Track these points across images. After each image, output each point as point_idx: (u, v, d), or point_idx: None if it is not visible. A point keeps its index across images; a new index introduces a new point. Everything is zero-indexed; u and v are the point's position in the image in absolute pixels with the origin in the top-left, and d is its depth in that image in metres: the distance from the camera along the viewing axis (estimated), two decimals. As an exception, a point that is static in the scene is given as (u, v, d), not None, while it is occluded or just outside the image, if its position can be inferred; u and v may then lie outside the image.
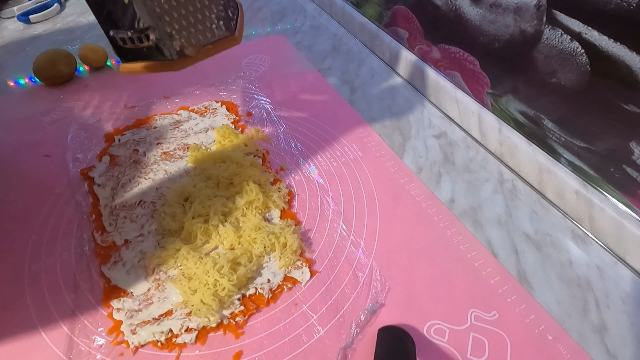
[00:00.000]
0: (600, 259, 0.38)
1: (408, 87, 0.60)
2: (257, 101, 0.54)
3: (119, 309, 0.32)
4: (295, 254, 0.36)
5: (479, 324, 0.32)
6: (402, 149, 0.49)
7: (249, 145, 0.46)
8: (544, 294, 0.35)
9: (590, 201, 0.39)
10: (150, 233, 0.38)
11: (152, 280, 0.34)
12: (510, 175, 0.46)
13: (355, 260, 0.36)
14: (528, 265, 0.37)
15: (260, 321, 0.32)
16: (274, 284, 0.34)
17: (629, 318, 0.33)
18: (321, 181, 0.44)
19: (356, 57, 0.66)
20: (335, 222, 0.39)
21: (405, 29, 0.60)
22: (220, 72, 0.60)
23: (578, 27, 0.35)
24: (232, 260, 0.34)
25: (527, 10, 0.39)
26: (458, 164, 0.47)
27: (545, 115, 0.42)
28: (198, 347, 0.30)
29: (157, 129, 0.49)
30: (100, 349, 0.30)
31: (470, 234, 0.39)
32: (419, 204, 0.42)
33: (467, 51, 0.49)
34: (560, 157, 0.42)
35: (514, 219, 0.41)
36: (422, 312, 0.33)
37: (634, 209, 0.37)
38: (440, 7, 0.51)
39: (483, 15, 0.45)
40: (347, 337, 0.31)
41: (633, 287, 0.36)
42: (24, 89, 0.56)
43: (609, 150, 0.37)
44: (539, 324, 0.32)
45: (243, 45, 0.67)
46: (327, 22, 0.76)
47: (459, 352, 0.31)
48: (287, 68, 0.62)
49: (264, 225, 0.37)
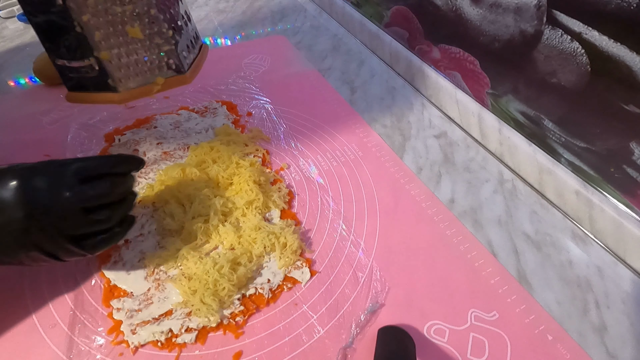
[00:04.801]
0: (600, 259, 0.38)
1: (408, 87, 0.60)
2: (257, 101, 0.54)
3: (119, 308, 0.32)
4: (295, 254, 0.36)
5: (479, 324, 0.32)
6: (402, 149, 0.49)
7: (249, 145, 0.46)
8: (544, 294, 0.35)
9: (590, 201, 0.39)
10: (150, 233, 0.38)
11: (152, 280, 0.34)
12: (510, 175, 0.46)
13: (355, 260, 0.36)
14: (528, 265, 0.37)
15: (260, 321, 0.32)
16: (274, 284, 0.34)
17: (629, 318, 0.33)
18: (321, 181, 0.44)
19: (356, 57, 0.66)
20: (335, 222, 0.39)
21: (405, 29, 0.60)
22: (220, 72, 0.60)
23: (578, 27, 0.35)
24: (232, 260, 0.34)
25: (527, 10, 0.39)
26: (458, 164, 0.47)
27: (545, 115, 0.42)
28: (198, 347, 0.30)
29: (157, 129, 0.49)
30: (100, 348, 0.30)
31: (470, 234, 0.39)
32: (419, 204, 0.42)
33: (467, 51, 0.49)
34: (560, 157, 0.42)
35: (514, 219, 0.41)
36: (422, 312, 0.33)
37: (634, 209, 0.37)
38: (440, 7, 0.51)
39: (483, 15, 0.45)
40: (347, 337, 0.31)
41: (633, 287, 0.36)
42: (24, 89, 0.56)
43: (609, 150, 0.37)
44: (539, 324, 0.32)
45: (243, 45, 0.67)
46: (327, 22, 0.76)
47: (459, 352, 0.31)
48: (287, 68, 0.62)
49: (264, 225, 0.37)
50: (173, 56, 0.35)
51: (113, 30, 0.32)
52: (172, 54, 0.35)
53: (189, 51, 0.37)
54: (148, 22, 0.33)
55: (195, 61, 0.39)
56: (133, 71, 0.34)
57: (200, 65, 0.39)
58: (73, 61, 0.33)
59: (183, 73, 0.36)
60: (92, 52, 0.32)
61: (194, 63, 0.38)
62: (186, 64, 0.36)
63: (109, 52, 0.32)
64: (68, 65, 0.33)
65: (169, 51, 0.34)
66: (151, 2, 0.32)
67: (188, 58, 0.37)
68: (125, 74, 0.34)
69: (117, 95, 0.34)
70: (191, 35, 0.38)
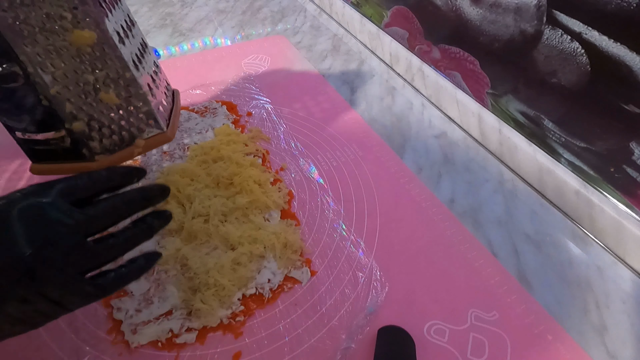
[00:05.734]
0: (600, 259, 0.38)
1: (408, 87, 0.60)
2: (257, 101, 0.54)
3: (119, 308, 0.32)
4: (295, 254, 0.36)
5: (479, 324, 0.32)
6: (402, 149, 0.49)
7: (249, 145, 0.46)
8: (544, 294, 0.35)
9: (590, 201, 0.39)
10: (150, 233, 0.38)
11: (152, 280, 0.34)
12: (510, 175, 0.46)
13: (355, 260, 0.36)
14: (528, 265, 0.37)
15: (260, 321, 0.32)
16: (274, 284, 0.34)
17: (629, 318, 0.33)
18: (321, 181, 0.44)
19: (356, 57, 0.66)
20: (335, 222, 0.39)
21: (405, 29, 0.60)
22: (220, 72, 0.60)
23: (578, 27, 0.35)
24: (232, 260, 0.34)
25: (527, 10, 0.39)
26: (458, 164, 0.47)
27: (545, 115, 0.42)
28: (198, 347, 0.30)
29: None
30: (100, 348, 0.30)
31: (470, 234, 0.39)
32: (419, 204, 0.42)
33: (467, 51, 0.49)
34: (560, 157, 0.42)
35: (514, 219, 0.41)
36: (422, 312, 0.33)
37: (634, 209, 0.37)
38: (440, 7, 0.51)
39: (483, 15, 0.45)
40: (347, 337, 0.31)
41: (633, 287, 0.36)
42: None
43: (609, 150, 0.37)
44: (539, 324, 0.32)
45: (243, 45, 0.67)
46: (327, 22, 0.76)
47: (459, 352, 0.31)
48: (287, 68, 0.62)
49: (264, 225, 0.37)
50: (150, 116, 0.31)
51: (85, 98, 0.29)
52: (150, 113, 0.31)
53: (165, 105, 0.34)
54: (123, 85, 0.30)
55: (172, 113, 0.35)
56: (110, 138, 0.31)
57: (177, 115, 0.36)
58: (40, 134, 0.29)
59: (163, 131, 0.33)
60: (62, 123, 0.29)
61: (171, 116, 0.35)
62: (164, 120, 0.33)
63: (82, 123, 0.29)
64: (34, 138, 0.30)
65: (146, 112, 0.31)
66: (125, 65, 0.29)
67: (165, 112, 0.34)
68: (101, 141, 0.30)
69: (94, 163, 0.31)
70: (163, 87, 0.36)
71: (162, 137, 0.33)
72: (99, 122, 0.30)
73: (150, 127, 0.32)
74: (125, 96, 0.30)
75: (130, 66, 0.29)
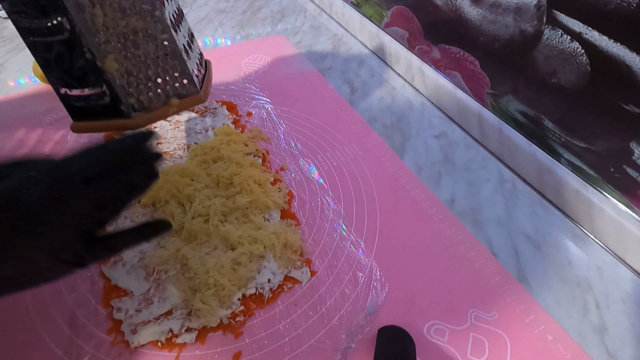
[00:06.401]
0: (600, 259, 0.38)
1: (408, 87, 0.60)
2: (257, 101, 0.54)
3: (119, 308, 0.32)
4: (295, 254, 0.36)
5: (479, 324, 0.32)
6: (402, 149, 0.48)
7: (249, 145, 0.46)
8: (544, 294, 0.35)
9: (590, 201, 0.39)
10: (150, 233, 0.38)
11: (152, 280, 0.34)
12: (510, 175, 0.46)
13: (355, 260, 0.36)
14: (528, 265, 0.37)
15: (260, 321, 0.32)
16: (274, 284, 0.34)
17: (629, 318, 0.33)
18: (321, 181, 0.44)
19: (356, 57, 0.66)
20: (335, 222, 0.39)
21: (405, 29, 0.60)
22: (220, 72, 0.60)
23: (578, 28, 0.35)
24: (232, 260, 0.34)
25: (527, 10, 0.39)
26: (458, 164, 0.47)
27: (545, 115, 0.42)
28: (198, 347, 0.30)
29: (157, 129, 0.49)
30: (100, 348, 0.30)
31: (470, 234, 0.39)
32: (419, 204, 0.42)
33: (467, 51, 0.49)
34: (560, 157, 0.42)
35: (514, 219, 0.41)
36: (422, 312, 0.33)
37: (634, 209, 0.37)
38: (440, 7, 0.51)
39: (483, 15, 0.45)
40: (347, 337, 0.31)
41: (633, 287, 0.36)
42: (24, 89, 0.56)
43: (609, 150, 0.37)
44: (539, 324, 0.32)
45: (243, 45, 0.67)
46: (327, 22, 0.76)
47: (459, 352, 0.31)
48: (287, 68, 0.62)
49: (264, 225, 0.37)
50: (186, 76, 0.33)
51: (125, 53, 0.30)
52: (185, 73, 0.33)
53: (199, 69, 0.36)
54: (161, 43, 0.32)
55: (205, 78, 0.37)
56: (147, 95, 0.32)
57: (209, 82, 0.38)
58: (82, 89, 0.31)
59: (197, 92, 0.34)
60: (103, 79, 0.30)
61: (204, 80, 0.37)
62: (199, 82, 0.35)
63: (122, 78, 0.31)
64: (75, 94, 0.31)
65: (182, 71, 0.33)
66: (166, 25, 0.31)
67: (200, 75, 0.36)
68: (138, 99, 0.32)
69: (131, 120, 0.32)
70: (198, 53, 0.38)
71: (196, 97, 0.34)
72: (137, 78, 0.31)
73: (185, 87, 0.34)
74: (162, 54, 0.32)
75: (169, 24, 0.31)
